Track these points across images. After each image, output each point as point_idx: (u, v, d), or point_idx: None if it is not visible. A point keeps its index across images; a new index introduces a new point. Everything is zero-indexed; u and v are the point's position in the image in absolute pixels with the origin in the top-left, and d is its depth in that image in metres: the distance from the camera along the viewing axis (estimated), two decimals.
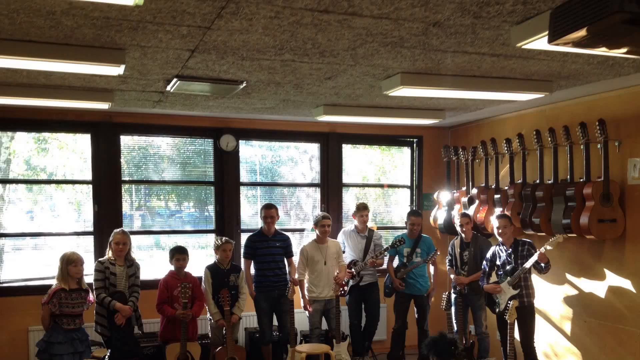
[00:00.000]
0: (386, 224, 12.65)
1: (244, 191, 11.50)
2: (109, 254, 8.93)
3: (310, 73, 7.26)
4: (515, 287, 9.05)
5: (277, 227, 10.35)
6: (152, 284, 9.77)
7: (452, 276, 10.37)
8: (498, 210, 10.05)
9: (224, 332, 9.47)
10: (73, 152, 10.74)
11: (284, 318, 10.12)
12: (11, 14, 5.00)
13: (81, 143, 10.64)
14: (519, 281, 9.05)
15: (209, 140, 11.17)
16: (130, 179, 10.85)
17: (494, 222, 9.41)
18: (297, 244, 11.34)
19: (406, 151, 12.73)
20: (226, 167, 11.15)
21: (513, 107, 9.91)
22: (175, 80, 7.51)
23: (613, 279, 8.77)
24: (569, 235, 8.78)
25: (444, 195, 11.75)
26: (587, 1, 4.11)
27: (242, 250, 10.49)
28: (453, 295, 10.19)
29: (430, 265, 10.92)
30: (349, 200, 12.15)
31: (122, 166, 10.65)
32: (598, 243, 8.90)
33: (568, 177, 8.98)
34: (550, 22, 4.58)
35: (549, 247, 8.64)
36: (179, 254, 9.39)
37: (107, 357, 8.43)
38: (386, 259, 10.94)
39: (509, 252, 9.22)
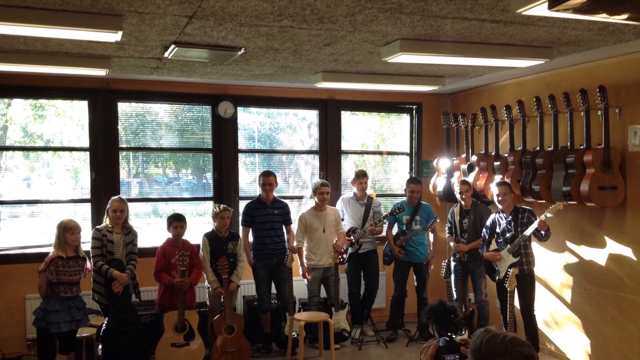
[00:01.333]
0: (385, 192, 12.61)
1: (242, 158, 11.44)
2: (106, 221, 8.89)
3: (309, 39, 7.19)
4: (515, 255, 9.03)
5: (275, 194, 10.30)
6: (150, 251, 9.73)
7: (451, 244, 10.36)
8: (498, 178, 10.00)
9: (222, 300, 9.46)
10: (70, 119, 10.66)
11: (283, 286, 10.12)
12: None
13: (78, 110, 10.57)
14: (518, 249, 9.03)
15: (207, 107, 11.10)
16: (128, 146, 10.78)
17: (494, 190, 9.38)
18: (296, 211, 11.31)
19: (405, 118, 12.66)
20: (224, 134, 11.09)
21: (513, 73, 9.86)
22: (173, 46, 7.44)
23: (613, 247, 8.74)
24: (569, 202, 8.76)
25: (443, 163, 11.70)
26: None
27: (240, 218, 10.46)
28: (452, 263, 10.19)
29: (430, 232, 10.92)
30: (348, 168, 12.11)
31: (119, 133, 10.58)
32: (598, 210, 8.87)
33: (568, 144, 8.93)
34: None
35: (549, 215, 8.62)
36: (176, 222, 9.35)
37: (104, 325, 8.42)
38: (385, 227, 10.94)
39: (508, 219, 9.19)
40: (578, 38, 7.22)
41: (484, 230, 9.61)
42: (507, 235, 9.13)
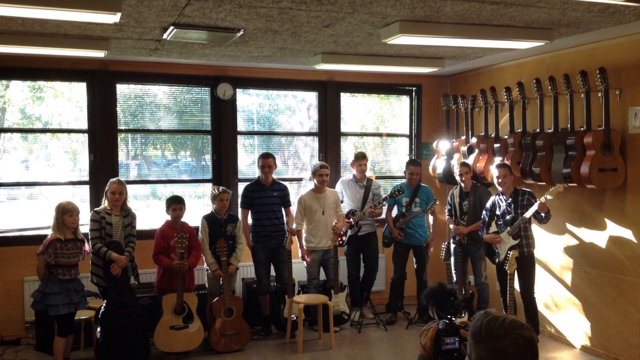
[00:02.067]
0: (385, 174, 12.58)
1: (241, 140, 11.42)
2: (104, 203, 8.87)
3: (308, 21, 7.16)
4: (515, 237, 9.02)
5: (274, 176, 10.27)
6: (149, 234, 9.73)
7: (451, 226, 10.36)
8: (498, 160, 9.98)
9: (221, 282, 9.45)
10: (69, 101, 10.63)
11: (282, 268, 10.11)
12: None
13: (77, 92, 10.53)
14: (518, 231, 9.02)
15: (206, 88, 11.07)
16: (127, 127, 10.75)
17: (494, 172, 9.35)
18: (295, 193, 11.30)
19: (405, 100, 12.63)
20: (223, 115, 11.06)
21: (513, 55, 9.83)
22: (171, 28, 7.42)
23: (614, 229, 8.73)
24: (570, 184, 8.75)
25: (443, 144, 11.68)
26: None
27: (239, 200, 10.42)
28: (452, 246, 10.18)
29: (429, 215, 10.92)
30: (347, 150, 12.08)
31: (118, 115, 10.55)
32: (599, 192, 8.85)
33: (568, 125, 8.91)
34: None
35: (549, 197, 8.60)
36: (175, 204, 9.32)
37: (103, 307, 8.41)
38: (385, 209, 10.92)
39: (508, 201, 9.17)
40: (578, 19, 7.20)
41: (484, 212, 9.59)
42: (507, 217, 9.11)
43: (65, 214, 8.13)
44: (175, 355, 9.02)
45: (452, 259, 10.11)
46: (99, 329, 8.41)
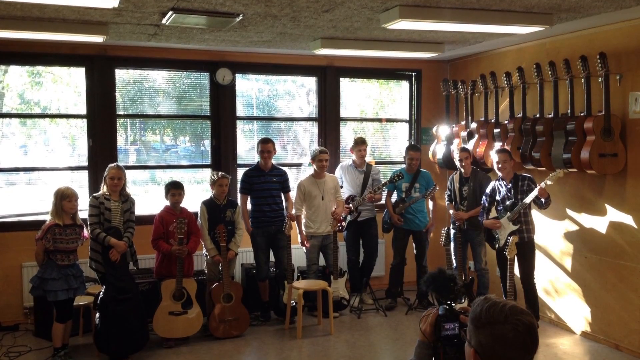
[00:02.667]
0: (384, 159, 12.57)
1: (240, 125, 11.40)
2: (103, 189, 8.82)
3: (308, 6, 7.13)
4: (515, 223, 9.01)
5: (274, 161, 10.25)
6: (148, 219, 9.71)
7: (451, 211, 10.34)
8: (498, 145, 9.97)
9: (220, 268, 9.44)
10: (67, 86, 10.61)
11: (281, 254, 10.10)
12: None
13: (75, 77, 10.51)
14: (518, 216, 9.01)
15: (205, 73, 11.03)
16: (125, 113, 10.73)
17: (494, 157, 9.34)
18: (294, 179, 11.28)
19: (405, 85, 12.60)
20: (222, 101, 11.03)
21: (513, 40, 9.81)
22: (170, 13, 7.39)
23: (614, 214, 8.72)
24: (570, 169, 8.74)
25: (443, 130, 11.65)
26: None
27: (238, 186, 10.40)
28: (452, 231, 10.18)
29: (429, 200, 10.90)
30: (347, 135, 12.06)
31: (117, 100, 10.52)
32: (599, 178, 8.84)
33: (568, 111, 8.90)
34: None
35: (549, 182, 8.58)
36: (174, 189, 9.30)
37: (101, 293, 8.39)
38: (384, 194, 10.91)
39: (508, 187, 9.15)
40: (578, 4, 7.18)
41: (484, 197, 9.58)
42: (507, 202, 9.10)
43: (64, 199, 8.11)
44: (174, 341, 9.03)
45: (452, 244, 10.11)
46: (97, 314, 8.39)
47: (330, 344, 9.20)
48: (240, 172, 10.72)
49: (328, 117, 11.74)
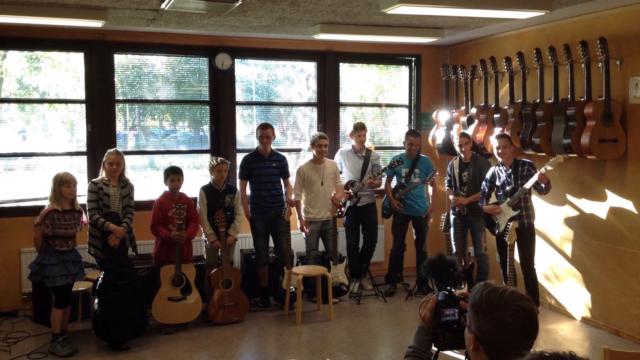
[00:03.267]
0: (384, 144, 12.55)
1: (239, 111, 11.38)
2: (102, 174, 8.78)
3: None
4: (515, 208, 8.99)
5: (273, 147, 10.23)
6: (147, 205, 9.71)
7: (451, 197, 10.32)
8: (497, 130, 9.95)
9: (219, 253, 9.44)
10: (66, 71, 10.59)
11: (280, 240, 10.09)
12: None
13: (74, 62, 10.49)
14: (518, 202, 8.99)
15: (204, 59, 11.00)
16: (124, 98, 10.71)
17: (494, 142, 9.31)
18: (294, 164, 11.25)
19: (404, 70, 12.57)
20: (221, 86, 11.00)
21: (513, 25, 9.78)
22: None
23: (614, 200, 8.70)
24: (570, 155, 8.72)
25: (442, 115, 11.63)
26: None
27: (237, 171, 10.39)
28: (452, 217, 10.17)
29: (429, 185, 10.90)
30: (346, 120, 12.03)
31: (115, 85, 10.50)
32: (599, 163, 8.82)
33: (569, 96, 8.88)
34: None
35: (549, 168, 8.55)
36: (173, 175, 9.27)
37: (100, 279, 8.38)
38: (384, 180, 10.88)
39: (508, 172, 9.13)
40: None
41: (484, 183, 9.56)
42: (507, 188, 9.08)
43: (63, 184, 8.08)
44: (173, 327, 9.02)
45: (452, 230, 10.10)
46: (96, 300, 8.38)
47: (329, 330, 9.20)
48: (240, 157, 10.70)
49: (327, 103, 11.71)
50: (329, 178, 10.32)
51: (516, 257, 9.12)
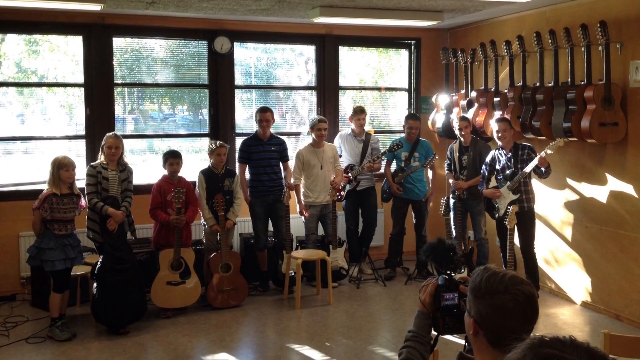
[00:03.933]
0: (384, 128, 12.53)
1: (238, 94, 11.35)
2: (101, 158, 8.76)
3: None
4: (515, 192, 8.97)
5: (272, 130, 10.21)
6: (145, 188, 9.70)
7: (450, 181, 10.31)
8: (497, 114, 9.93)
9: (219, 237, 9.42)
10: (65, 55, 10.56)
11: (280, 223, 10.08)
12: None
13: (73, 45, 10.46)
14: (518, 186, 8.97)
15: (203, 42, 10.96)
16: (123, 81, 10.68)
17: (494, 126, 9.29)
18: (293, 148, 11.23)
19: (404, 53, 12.53)
20: (220, 69, 10.97)
21: (513, 8, 9.75)
22: None
23: (614, 184, 8.68)
24: (570, 139, 8.71)
25: (442, 99, 11.60)
26: None
27: (236, 155, 10.37)
28: (452, 200, 10.16)
29: (429, 169, 10.88)
30: (346, 104, 12.00)
31: (114, 69, 10.47)
32: (599, 147, 8.80)
33: (569, 79, 8.85)
34: None
35: (549, 151, 8.53)
36: (172, 158, 9.25)
37: (99, 263, 8.36)
38: (383, 163, 10.87)
39: (508, 156, 9.11)
40: None
41: (484, 167, 9.54)
42: (507, 172, 9.06)
43: (61, 168, 8.06)
44: (172, 311, 9.02)
45: (452, 214, 10.09)
46: (95, 284, 8.38)
47: (329, 314, 9.20)
48: (239, 141, 10.69)
49: (327, 86, 11.68)
50: (328, 162, 10.30)
51: (516, 241, 9.11)
